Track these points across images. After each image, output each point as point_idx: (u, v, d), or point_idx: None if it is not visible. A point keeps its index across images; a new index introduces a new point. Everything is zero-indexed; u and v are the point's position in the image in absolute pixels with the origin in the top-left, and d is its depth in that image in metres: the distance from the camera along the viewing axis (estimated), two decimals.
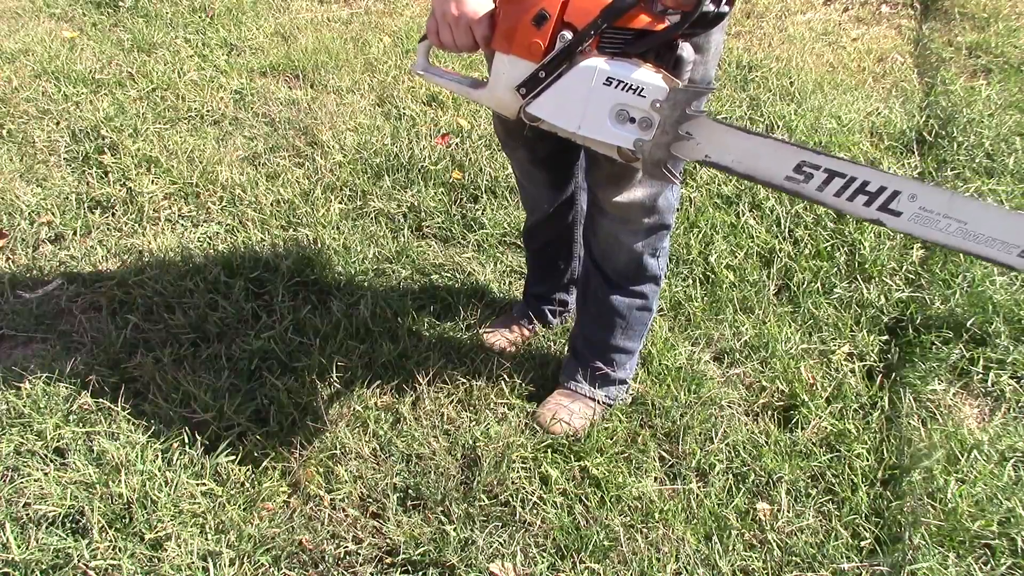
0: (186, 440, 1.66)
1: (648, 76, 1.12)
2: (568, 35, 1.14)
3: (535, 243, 1.93)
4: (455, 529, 1.53)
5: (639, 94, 1.13)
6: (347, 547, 1.52)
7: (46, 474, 1.59)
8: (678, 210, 2.41)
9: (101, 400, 1.75)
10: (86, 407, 1.74)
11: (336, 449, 1.68)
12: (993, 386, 1.88)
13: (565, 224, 1.86)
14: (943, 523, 1.53)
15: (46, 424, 1.68)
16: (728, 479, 1.66)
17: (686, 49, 1.15)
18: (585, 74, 1.15)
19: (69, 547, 1.47)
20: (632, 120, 1.15)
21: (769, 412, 1.82)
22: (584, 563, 1.49)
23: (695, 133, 1.13)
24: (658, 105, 1.12)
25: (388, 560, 1.50)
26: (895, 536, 1.55)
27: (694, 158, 1.16)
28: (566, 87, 1.18)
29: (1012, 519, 1.54)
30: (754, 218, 2.40)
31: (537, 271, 1.99)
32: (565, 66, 1.16)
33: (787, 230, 2.35)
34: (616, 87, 1.14)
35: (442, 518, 1.56)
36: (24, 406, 1.72)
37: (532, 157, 1.68)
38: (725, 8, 1.15)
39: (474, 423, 1.74)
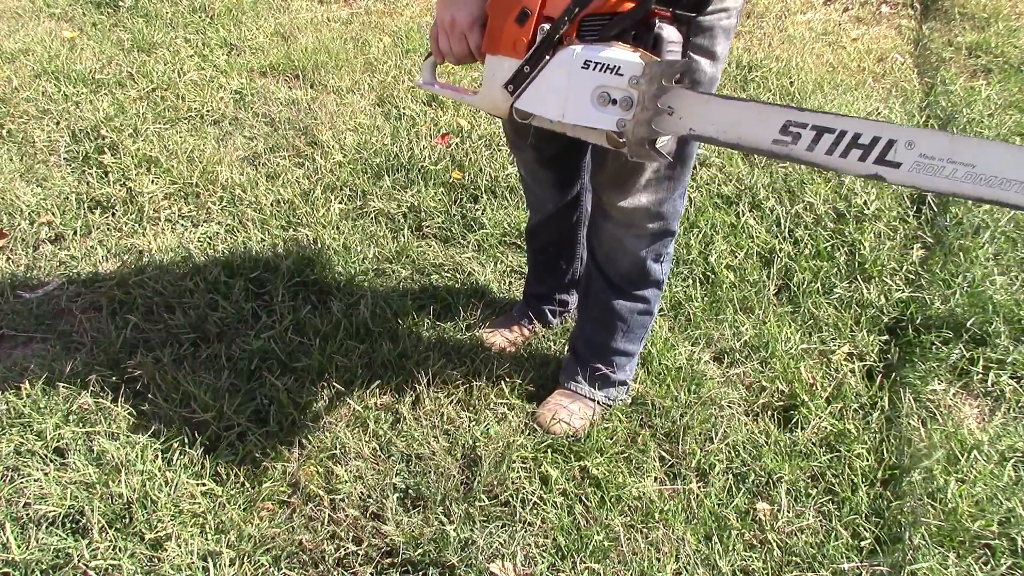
0: (186, 440, 1.66)
1: (623, 54, 1.13)
2: (547, 27, 1.18)
3: (537, 242, 1.92)
4: (455, 529, 1.53)
5: (616, 73, 1.14)
6: (347, 547, 1.52)
7: (46, 474, 1.59)
8: None
9: (101, 400, 1.75)
10: (86, 407, 1.74)
11: (336, 449, 1.68)
12: (993, 386, 1.88)
13: (569, 224, 1.85)
14: (943, 523, 1.54)
15: (46, 424, 1.68)
16: (728, 479, 1.66)
17: (666, 29, 1.16)
18: (564, 60, 1.18)
19: (69, 547, 1.47)
20: (614, 102, 1.16)
21: (769, 412, 1.82)
22: (584, 563, 1.49)
23: (676, 107, 1.13)
24: (636, 81, 1.13)
25: (388, 560, 1.50)
26: (895, 536, 1.55)
27: (678, 133, 1.15)
28: (548, 76, 1.21)
29: (1012, 519, 1.54)
30: (754, 218, 2.40)
31: (538, 270, 1.98)
32: (547, 57, 1.19)
33: (787, 230, 2.35)
34: (594, 69, 1.15)
35: (442, 518, 1.56)
36: (24, 406, 1.72)
37: (539, 157, 1.68)
38: None
39: (474, 423, 1.74)
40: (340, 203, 2.47)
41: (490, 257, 2.27)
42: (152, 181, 2.52)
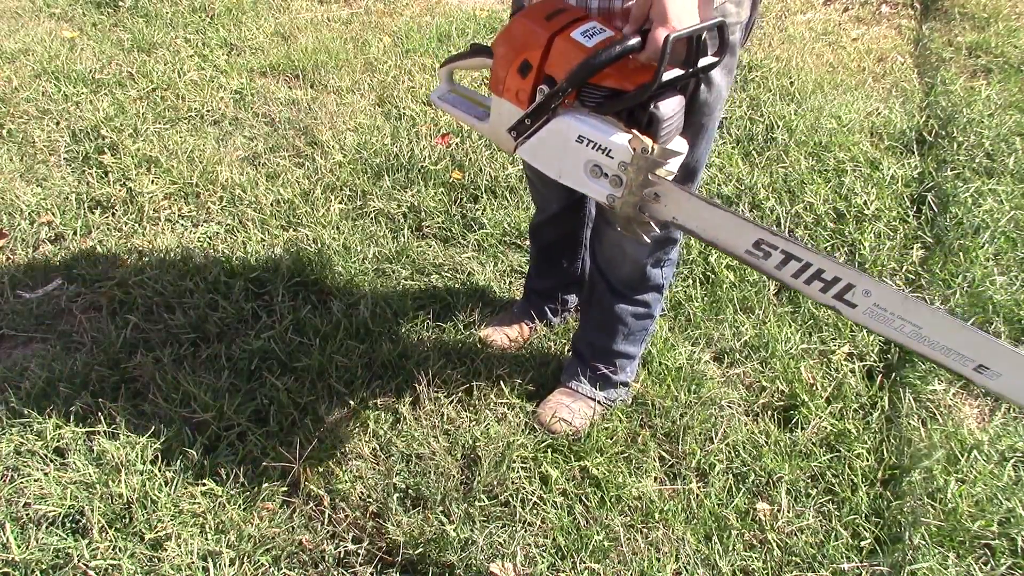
0: (186, 440, 1.67)
1: (615, 138, 1.13)
2: (546, 89, 1.16)
3: (541, 240, 1.93)
4: (455, 529, 1.53)
5: (607, 155, 1.14)
6: (347, 547, 1.52)
7: (46, 474, 1.59)
8: None
9: (101, 400, 1.75)
10: (86, 407, 1.74)
11: (336, 449, 1.68)
12: None
13: (573, 224, 1.86)
14: (943, 523, 1.53)
15: (46, 424, 1.68)
16: (728, 479, 1.66)
17: (662, 107, 1.14)
18: (561, 130, 1.18)
19: (69, 547, 1.47)
20: (605, 175, 1.17)
21: (769, 412, 1.82)
22: (584, 563, 1.49)
23: (662, 196, 1.14)
24: (624, 167, 1.13)
25: (388, 560, 1.50)
26: (895, 536, 1.55)
27: (662, 218, 1.17)
28: (546, 138, 1.21)
29: (1012, 519, 1.54)
30: (754, 218, 2.40)
31: (541, 266, 1.99)
32: (547, 116, 1.19)
33: (787, 230, 2.35)
34: (587, 145, 1.16)
35: (442, 518, 1.56)
36: (24, 406, 1.72)
37: None
38: (711, 59, 1.16)
39: (474, 423, 1.74)
40: (340, 203, 2.47)
41: (490, 257, 2.27)
42: (152, 181, 2.52)
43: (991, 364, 0.97)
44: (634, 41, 1.10)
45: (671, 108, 1.15)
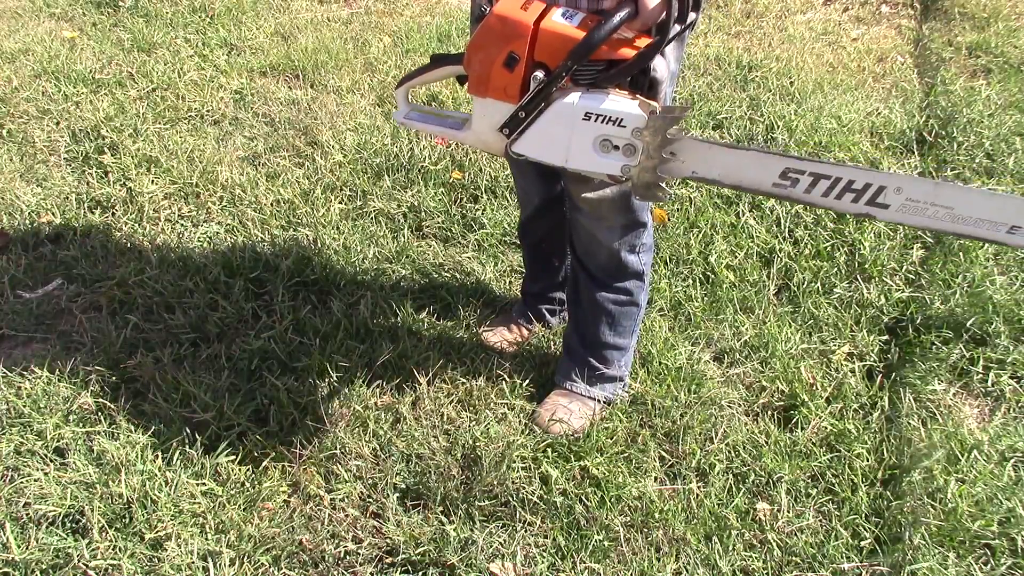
0: (186, 440, 1.66)
1: (625, 106, 1.14)
2: (541, 75, 1.16)
3: (529, 238, 1.93)
4: (455, 529, 1.53)
5: (619, 125, 1.15)
6: (347, 547, 1.52)
7: (46, 474, 1.59)
8: (678, 210, 2.41)
9: (101, 400, 1.75)
10: (86, 407, 1.74)
11: (336, 449, 1.68)
12: (993, 386, 1.88)
13: (557, 220, 1.85)
14: (943, 523, 1.53)
15: (46, 424, 1.68)
16: (728, 479, 1.66)
17: (659, 68, 1.15)
18: (564, 111, 1.17)
19: (69, 547, 1.47)
20: (616, 148, 1.17)
21: (769, 412, 1.82)
22: (584, 563, 1.49)
23: (679, 152, 1.15)
24: (639, 133, 1.14)
25: (388, 560, 1.50)
26: (895, 536, 1.55)
27: (682, 175, 1.18)
28: (547, 125, 1.20)
29: (1012, 519, 1.54)
30: (754, 218, 2.40)
31: (532, 268, 1.99)
32: (543, 104, 1.18)
33: (787, 230, 2.35)
34: (595, 120, 1.16)
35: (442, 518, 1.56)
36: (24, 406, 1.72)
37: None
38: (692, 16, 1.18)
39: (474, 423, 1.74)
40: (340, 203, 2.47)
41: (490, 257, 2.27)
42: (152, 181, 2.52)
43: (1023, 223, 1.06)
44: (627, 11, 1.12)
45: (664, 67, 1.17)
